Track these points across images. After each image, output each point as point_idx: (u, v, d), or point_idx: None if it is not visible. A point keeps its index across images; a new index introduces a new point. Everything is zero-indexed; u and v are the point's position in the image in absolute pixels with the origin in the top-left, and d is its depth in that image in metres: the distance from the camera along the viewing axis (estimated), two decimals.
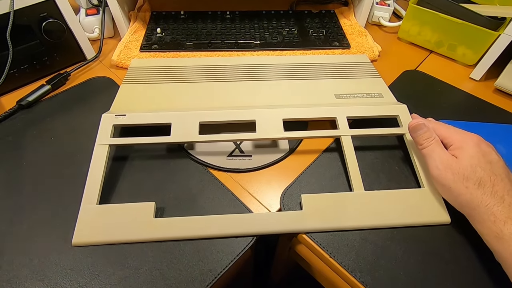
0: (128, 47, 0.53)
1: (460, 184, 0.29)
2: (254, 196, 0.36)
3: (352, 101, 0.43)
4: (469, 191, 0.29)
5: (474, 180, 0.29)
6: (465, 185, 0.29)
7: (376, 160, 0.39)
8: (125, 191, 0.36)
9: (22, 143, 0.40)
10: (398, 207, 0.34)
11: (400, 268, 0.31)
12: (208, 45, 0.54)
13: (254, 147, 0.41)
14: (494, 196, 0.28)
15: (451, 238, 0.33)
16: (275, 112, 0.40)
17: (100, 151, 0.36)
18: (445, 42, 0.54)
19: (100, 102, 0.45)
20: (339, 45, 0.55)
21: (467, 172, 0.29)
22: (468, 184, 0.29)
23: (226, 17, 0.60)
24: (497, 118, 0.44)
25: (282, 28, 0.58)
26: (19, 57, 0.45)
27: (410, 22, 0.56)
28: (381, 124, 0.40)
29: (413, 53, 0.56)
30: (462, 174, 0.30)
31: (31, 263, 0.31)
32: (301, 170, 0.38)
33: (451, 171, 0.30)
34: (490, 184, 0.29)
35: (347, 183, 0.37)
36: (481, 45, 0.49)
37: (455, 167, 0.30)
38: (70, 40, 0.49)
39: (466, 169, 0.29)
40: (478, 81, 0.51)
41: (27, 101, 0.44)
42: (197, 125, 0.38)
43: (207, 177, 0.38)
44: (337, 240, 0.32)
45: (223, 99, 0.43)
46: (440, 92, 0.49)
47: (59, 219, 0.33)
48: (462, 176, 0.29)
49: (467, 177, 0.29)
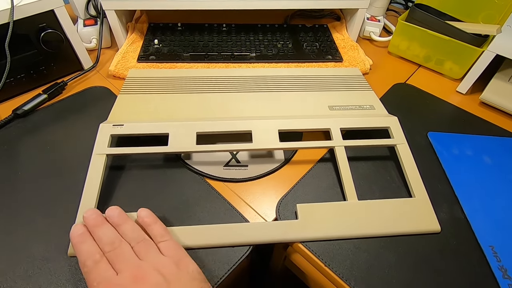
0: (125, 58, 0.54)
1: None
2: (250, 206, 0.37)
3: (345, 112, 0.45)
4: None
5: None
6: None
7: (368, 170, 0.40)
8: (122, 201, 0.36)
9: (18, 152, 0.40)
10: (390, 216, 0.35)
11: (393, 276, 0.31)
12: (205, 57, 0.55)
13: (250, 157, 0.42)
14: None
15: (441, 246, 0.34)
16: (271, 123, 0.41)
17: (98, 161, 0.37)
18: (433, 57, 0.56)
19: (97, 112, 0.45)
20: (332, 58, 0.56)
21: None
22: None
23: (223, 30, 0.61)
24: (482, 130, 0.46)
25: (277, 41, 0.59)
26: (16, 66, 0.45)
27: (399, 38, 0.58)
28: (373, 135, 0.41)
29: (403, 67, 0.58)
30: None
31: (26, 274, 0.30)
32: (296, 180, 0.39)
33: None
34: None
35: (341, 192, 0.38)
36: (467, 60, 0.52)
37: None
38: (68, 50, 0.50)
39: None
40: (464, 94, 0.53)
41: (23, 110, 0.44)
42: (194, 135, 0.39)
43: (204, 187, 0.38)
44: (332, 249, 0.33)
45: (220, 110, 0.44)
46: (429, 104, 0.51)
47: (55, 229, 0.33)
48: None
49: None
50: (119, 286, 0.26)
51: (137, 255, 0.28)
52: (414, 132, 0.45)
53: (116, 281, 0.26)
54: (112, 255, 0.28)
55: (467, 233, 0.35)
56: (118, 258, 0.28)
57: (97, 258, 0.28)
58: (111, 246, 0.28)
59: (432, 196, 0.37)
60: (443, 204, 0.37)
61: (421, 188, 0.37)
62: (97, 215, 0.31)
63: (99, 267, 0.27)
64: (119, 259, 0.28)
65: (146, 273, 0.27)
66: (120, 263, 0.27)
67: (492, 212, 0.36)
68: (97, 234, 0.30)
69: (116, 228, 0.30)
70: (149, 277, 0.26)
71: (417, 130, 0.45)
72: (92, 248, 0.28)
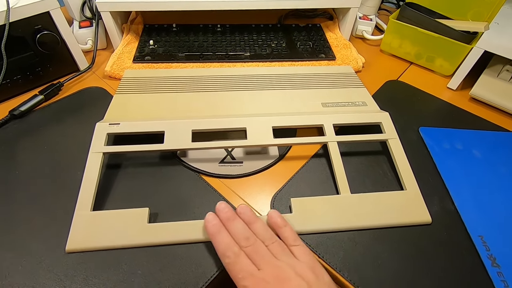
0: (121, 59, 0.54)
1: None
2: (245, 201, 0.38)
3: (338, 109, 0.45)
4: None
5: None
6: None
7: (361, 164, 0.41)
8: (118, 198, 0.37)
9: (15, 153, 0.41)
10: (382, 209, 0.36)
11: (385, 266, 0.32)
12: (200, 57, 0.56)
13: (245, 154, 0.42)
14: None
15: (433, 236, 0.34)
16: (265, 120, 0.42)
17: (94, 159, 0.37)
18: (423, 54, 0.57)
19: (93, 112, 0.46)
20: (325, 57, 0.57)
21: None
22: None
23: (217, 30, 0.62)
24: (472, 124, 0.47)
25: (271, 41, 0.60)
26: (12, 68, 0.46)
27: (391, 36, 0.59)
28: (365, 131, 0.42)
29: (395, 65, 0.59)
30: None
31: (24, 270, 0.31)
32: (290, 175, 0.40)
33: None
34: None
35: (334, 187, 0.39)
36: (456, 57, 0.53)
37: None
38: (64, 52, 0.51)
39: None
40: (455, 90, 0.54)
41: (20, 111, 0.45)
42: (189, 133, 0.40)
43: (200, 183, 0.39)
44: (326, 241, 0.34)
45: (215, 108, 0.45)
46: (420, 100, 0.52)
47: (53, 227, 0.34)
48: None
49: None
50: (263, 281, 0.27)
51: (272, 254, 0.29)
52: (406, 128, 0.46)
53: (260, 275, 0.27)
54: (250, 250, 0.29)
55: (457, 224, 0.35)
56: (257, 255, 0.29)
57: (236, 250, 0.29)
58: (247, 242, 0.29)
59: (423, 189, 0.38)
60: (434, 197, 0.38)
61: (413, 181, 0.38)
62: (229, 209, 0.32)
63: (241, 260, 0.28)
64: (258, 256, 0.29)
65: (288, 275, 0.27)
66: (260, 260, 0.28)
67: (482, 204, 0.37)
68: (231, 228, 0.31)
69: (248, 226, 0.31)
70: (292, 280, 0.27)
71: (409, 125, 0.46)
72: (229, 240, 0.30)
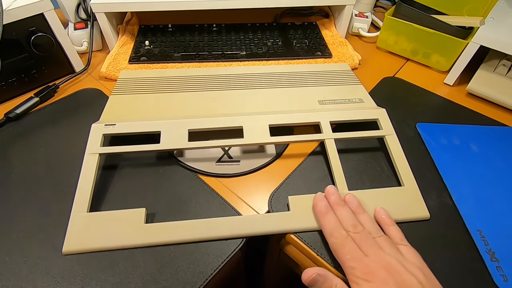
0: (116, 60, 0.54)
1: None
2: (243, 200, 0.37)
3: (335, 106, 0.45)
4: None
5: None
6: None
7: (358, 161, 0.41)
8: (115, 199, 0.37)
9: (10, 155, 0.41)
10: (380, 205, 0.35)
11: None
12: (196, 57, 0.56)
13: (242, 152, 0.42)
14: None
15: (431, 232, 0.34)
16: (261, 119, 0.42)
17: (90, 160, 0.37)
18: (420, 51, 0.57)
19: (89, 113, 0.46)
20: (321, 55, 0.57)
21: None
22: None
23: (213, 30, 0.62)
24: (470, 119, 0.47)
25: (267, 40, 0.60)
26: (7, 70, 0.45)
27: (387, 33, 0.59)
28: (362, 128, 0.42)
29: (391, 61, 0.59)
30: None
31: (20, 273, 0.30)
32: (287, 173, 0.40)
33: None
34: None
35: (332, 184, 0.38)
36: (452, 52, 0.53)
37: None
38: (59, 53, 0.50)
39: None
40: (451, 86, 0.54)
41: (15, 114, 0.45)
42: (186, 133, 0.39)
43: (197, 183, 0.38)
44: (323, 238, 0.33)
45: (211, 107, 0.45)
46: (417, 96, 0.52)
47: (49, 228, 0.34)
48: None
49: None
50: (372, 267, 0.27)
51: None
52: (403, 124, 0.46)
53: (369, 261, 0.27)
54: (357, 237, 0.29)
55: (455, 219, 0.35)
56: (366, 242, 0.29)
57: (343, 233, 0.29)
58: (355, 229, 0.30)
59: (421, 184, 0.37)
60: (432, 192, 0.38)
61: (410, 177, 0.38)
62: (338, 195, 0.33)
63: (349, 242, 0.29)
64: (366, 243, 0.29)
65: (398, 268, 0.27)
66: (368, 248, 0.28)
67: (479, 198, 0.37)
68: (339, 212, 0.32)
69: (355, 215, 0.32)
70: (403, 274, 0.26)
71: (406, 121, 0.46)
72: (337, 222, 0.30)
